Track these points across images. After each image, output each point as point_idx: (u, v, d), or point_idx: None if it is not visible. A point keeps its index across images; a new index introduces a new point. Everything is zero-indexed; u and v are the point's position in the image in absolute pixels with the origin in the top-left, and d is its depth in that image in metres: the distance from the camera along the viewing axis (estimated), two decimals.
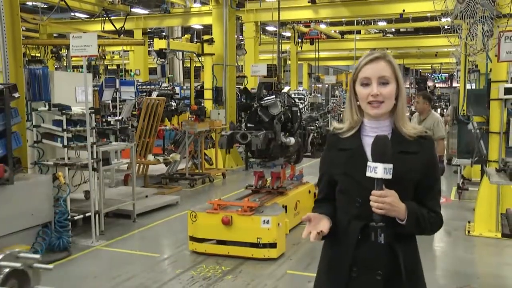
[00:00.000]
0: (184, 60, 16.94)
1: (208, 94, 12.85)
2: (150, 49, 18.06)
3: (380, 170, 1.78)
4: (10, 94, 5.31)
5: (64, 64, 15.35)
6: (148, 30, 17.23)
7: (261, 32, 17.90)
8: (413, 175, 1.92)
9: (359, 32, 22.72)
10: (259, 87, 6.78)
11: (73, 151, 6.44)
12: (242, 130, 6.36)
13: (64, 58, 15.35)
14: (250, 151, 6.40)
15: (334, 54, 26.27)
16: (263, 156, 6.53)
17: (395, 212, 1.83)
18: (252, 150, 6.22)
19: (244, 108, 6.87)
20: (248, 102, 6.85)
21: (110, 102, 11.14)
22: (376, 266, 1.89)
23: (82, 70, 6.51)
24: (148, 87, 15.53)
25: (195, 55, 13.92)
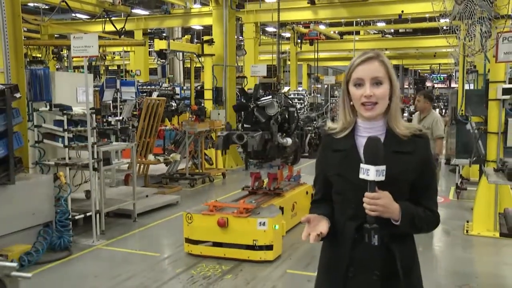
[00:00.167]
0: (184, 60, 16.95)
1: (208, 95, 12.89)
2: (150, 49, 18.06)
3: (372, 173, 1.77)
4: (12, 94, 5.34)
5: (65, 64, 15.36)
6: (148, 31, 17.24)
7: (260, 33, 17.90)
8: (407, 175, 1.90)
9: (358, 33, 22.71)
10: (256, 88, 6.67)
11: (74, 151, 6.47)
12: (238, 130, 6.25)
13: (65, 58, 15.36)
14: (247, 152, 6.28)
15: (333, 55, 26.28)
16: (259, 157, 6.41)
17: (389, 214, 1.83)
18: (249, 151, 6.11)
19: (240, 109, 6.70)
20: (244, 102, 6.68)
21: (110, 102, 11.15)
22: (373, 266, 1.89)
23: (83, 71, 6.54)
24: (149, 87, 15.56)
25: (195, 55, 13.95)
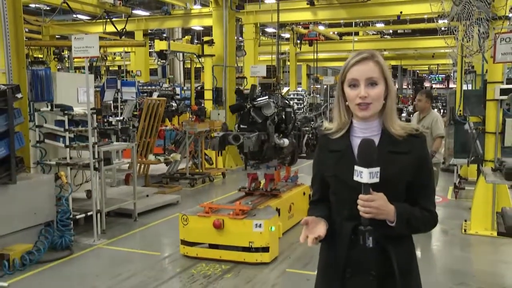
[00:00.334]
0: (184, 61, 17.04)
1: (208, 95, 12.94)
2: (151, 50, 18.10)
3: (366, 175, 1.75)
4: (13, 94, 5.38)
5: (66, 65, 15.44)
6: (149, 32, 17.26)
7: (260, 34, 17.94)
8: (403, 176, 1.88)
9: (357, 34, 22.77)
10: (252, 88, 6.58)
11: (75, 151, 6.51)
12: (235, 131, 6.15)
13: (66, 59, 15.44)
14: (243, 153, 6.19)
15: (332, 55, 26.31)
16: (256, 158, 6.30)
17: (384, 215, 1.81)
18: (245, 152, 6.02)
19: (236, 109, 6.60)
20: (241, 102, 6.56)
21: (111, 102, 11.18)
22: (369, 267, 1.88)
23: (84, 71, 6.58)
24: (149, 87, 15.58)
25: (195, 56, 14.03)
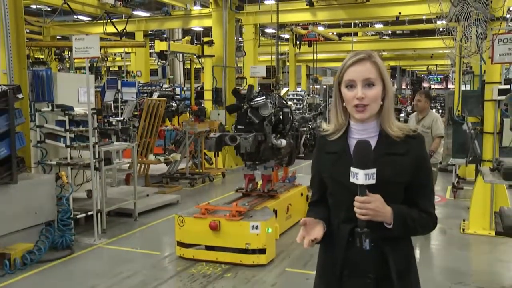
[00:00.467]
0: (184, 61, 17.04)
1: (208, 95, 12.96)
2: (151, 50, 18.09)
3: (361, 177, 1.72)
4: (14, 95, 5.40)
5: (67, 65, 15.47)
6: (149, 32, 17.28)
7: (260, 34, 17.96)
8: (401, 177, 1.85)
9: (356, 34, 22.77)
10: (249, 89, 6.50)
11: (75, 151, 6.53)
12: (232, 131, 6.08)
13: (67, 59, 15.47)
14: (240, 153, 6.11)
15: (332, 56, 26.28)
16: (253, 159, 6.23)
17: (381, 217, 1.78)
18: (242, 152, 5.95)
19: (233, 109, 6.53)
20: (238, 103, 6.45)
21: (112, 102, 11.22)
22: (366, 269, 1.87)
23: (84, 72, 6.62)
24: (149, 88, 15.62)
25: (195, 56, 14.04)
